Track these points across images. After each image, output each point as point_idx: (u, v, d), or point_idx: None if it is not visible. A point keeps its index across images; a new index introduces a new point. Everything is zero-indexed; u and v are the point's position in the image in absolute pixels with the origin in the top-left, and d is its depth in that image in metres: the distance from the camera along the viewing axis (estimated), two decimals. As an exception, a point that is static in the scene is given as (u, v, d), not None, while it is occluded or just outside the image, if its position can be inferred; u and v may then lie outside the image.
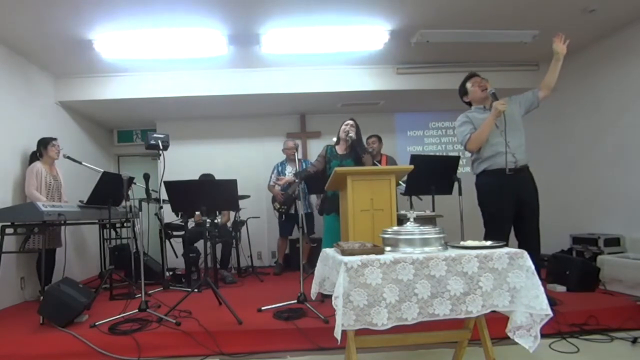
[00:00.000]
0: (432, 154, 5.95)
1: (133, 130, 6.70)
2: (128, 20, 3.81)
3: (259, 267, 5.71)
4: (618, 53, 4.36)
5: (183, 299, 3.21)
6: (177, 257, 5.01)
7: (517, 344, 1.90)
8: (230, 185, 3.55)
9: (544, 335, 2.22)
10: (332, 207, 3.52)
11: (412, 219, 2.11)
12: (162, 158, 3.44)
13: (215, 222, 4.19)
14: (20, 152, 4.23)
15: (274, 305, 3.21)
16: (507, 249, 1.96)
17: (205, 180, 4.33)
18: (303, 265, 3.49)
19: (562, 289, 3.66)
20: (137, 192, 4.28)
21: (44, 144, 4.11)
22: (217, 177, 4.72)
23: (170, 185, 3.48)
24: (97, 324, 2.90)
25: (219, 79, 5.06)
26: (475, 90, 3.22)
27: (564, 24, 4.07)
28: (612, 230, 4.36)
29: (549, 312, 1.85)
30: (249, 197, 5.15)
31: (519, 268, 1.90)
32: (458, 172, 3.82)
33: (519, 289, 1.88)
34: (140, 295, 3.17)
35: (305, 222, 3.52)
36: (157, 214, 4.13)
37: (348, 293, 1.79)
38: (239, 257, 5.27)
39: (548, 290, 2.69)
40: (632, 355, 2.54)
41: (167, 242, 4.81)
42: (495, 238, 2.38)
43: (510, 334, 1.89)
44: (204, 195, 3.46)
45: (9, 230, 3.57)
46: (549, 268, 3.97)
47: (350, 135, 3.62)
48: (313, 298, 2.38)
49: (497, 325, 2.16)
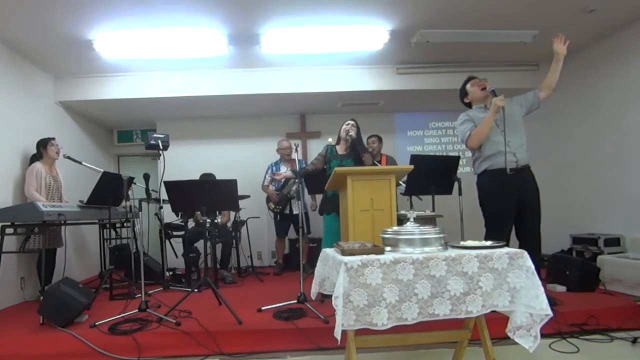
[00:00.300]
0: (432, 154, 5.95)
1: (133, 130, 6.70)
2: (128, 20, 3.81)
3: (259, 267, 5.71)
4: (618, 53, 4.36)
5: (183, 299, 3.21)
6: (177, 257, 5.01)
7: (517, 344, 1.90)
8: (230, 185, 3.55)
9: (544, 335, 2.22)
10: (332, 207, 3.52)
11: (412, 219, 2.11)
12: (162, 158, 3.44)
13: (216, 222, 4.19)
14: (21, 152, 4.23)
15: (274, 305, 3.21)
16: (507, 249, 1.96)
17: (205, 180, 4.32)
18: (303, 265, 3.49)
19: (562, 289, 3.66)
20: (137, 192, 4.28)
21: (43, 145, 4.10)
22: (217, 177, 4.73)
23: (170, 185, 3.48)
24: (97, 324, 2.90)
25: (219, 79, 5.06)
26: (475, 90, 3.23)
27: (564, 24, 4.08)
28: (612, 230, 4.36)
29: (549, 312, 1.86)
30: (249, 197, 5.15)
31: (519, 268, 1.90)
32: (458, 172, 3.81)
33: (519, 289, 1.88)
34: (140, 295, 3.17)
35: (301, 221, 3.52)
36: (157, 214, 4.13)
37: (348, 293, 1.79)
38: (239, 257, 5.27)
39: (548, 290, 2.69)
40: (632, 355, 2.53)
41: (167, 242, 4.81)
42: (496, 238, 2.38)
43: (510, 334, 1.89)
44: (204, 195, 3.47)
45: (9, 230, 3.58)
46: (549, 268, 3.97)
47: (351, 134, 3.62)
48: (313, 298, 2.38)
49: (497, 325, 2.15)
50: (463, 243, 2.05)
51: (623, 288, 3.57)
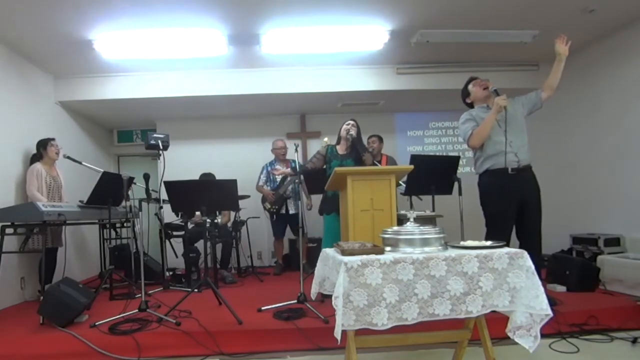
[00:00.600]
0: (432, 154, 5.95)
1: (133, 130, 6.70)
2: (128, 20, 3.81)
3: (259, 267, 5.71)
4: (618, 53, 4.36)
5: (183, 299, 3.21)
6: (177, 257, 5.01)
7: (517, 344, 1.90)
8: (230, 185, 3.55)
9: (544, 335, 2.22)
10: (332, 207, 3.52)
11: (412, 219, 2.11)
12: (162, 158, 3.43)
13: (216, 222, 4.19)
14: (21, 152, 4.23)
15: (274, 305, 3.21)
16: (507, 249, 1.96)
17: (205, 180, 4.33)
18: (303, 265, 3.49)
19: (562, 289, 3.66)
20: (137, 192, 4.28)
21: (43, 145, 4.11)
22: (217, 177, 4.73)
23: (170, 185, 3.48)
24: (97, 324, 2.90)
25: (219, 79, 5.06)
26: (477, 90, 3.24)
27: (564, 24, 4.08)
28: (612, 230, 4.36)
29: (549, 312, 1.85)
30: (249, 197, 5.15)
31: (519, 268, 1.89)
32: (458, 172, 3.82)
33: (519, 289, 1.88)
34: (140, 295, 3.17)
35: (297, 222, 3.52)
36: (157, 214, 4.13)
37: (348, 293, 1.79)
38: (239, 257, 5.27)
39: (548, 290, 2.69)
40: (632, 355, 2.54)
41: (167, 242, 4.81)
42: (497, 238, 2.38)
43: (510, 334, 1.89)
44: (204, 195, 3.46)
45: (9, 230, 3.58)
46: (549, 268, 3.97)
47: (351, 134, 3.62)
48: (313, 298, 2.38)
49: (497, 325, 2.15)
50: (463, 243, 2.05)
51: (623, 288, 3.57)
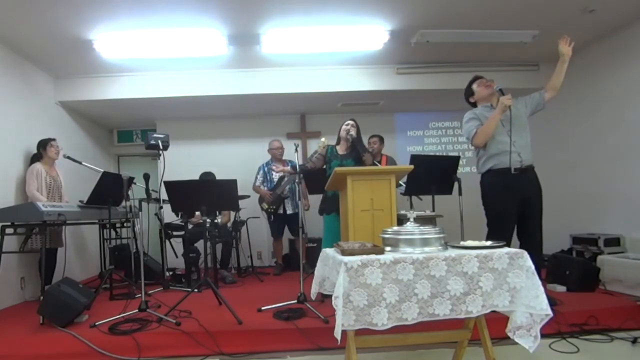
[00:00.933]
0: (432, 154, 5.95)
1: (133, 130, 6.70)
2: (128, 20, 3.81)
3: (259, 267, 5.71)
4: (618, 53, 4.36)
5: (183, 299, 3.21)
6: (177, 257, 5.01)
7: (517, 344, 1.90)
8: (230, 185, 3.55)
9: (544, 335, 2.22)
10: (332, 207, 3.52)
11: (412, 219, 2.11)
12: (162, 158, 3.43)
13: (216, 222, 4.18)
14: (21, 152, 4.23)
15: (274, 305, 3.21)
16: (507, 249, 1.96)
17: (205, 180, 4.33)
18: (303, 265, 3.49)
19: (562, 289, 3.66)
20: (137, 192, 4.28)
21: (43, 145, 4.11)
22: (217, 176, 4.73)
23: (170, 186, 3.48)
24: (97, 324, 2.90)
25: (219, 79, 5.06)
26: (482, 89, 3.24)
27: (564, 24, 4.08)
28: (612, 230, 4.36)
29: (549, 312, 1.85)
30: (249, 197, 5.15)
31: (519, 268, 1.89)
32: (458, 172, 3.82)
33: (519, 289, 1.88)
34: (140, 295, 3.17)
35: (295, 222, 3.52)
36: (157, 214, 4.13)
37: (348, 293, 1.79)
38: (239, 257, 5.27)
39: (548, 290, 2.69)
40: (632, 355, 2.53)
41: (167, 242, 4.81)
42: (499, 237, 2.38)
43: (510, 334, 1.89)
44: (204, 195, 3.47)
45: (9, 230, 3.58)
46: (549, 268, 3.97)
47: (351, 134, 3.62)
48: (313, 298, 2.38)
49: (497, 325, 2.15)
50: (463, 243, 2.05)
51: (623, 288, 3.57)
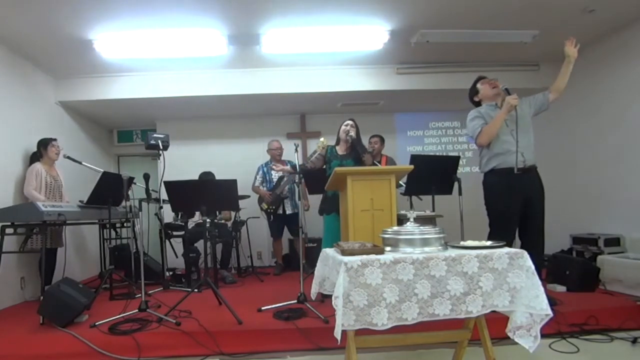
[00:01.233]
0: (432, 154, 5.95)
1: (133, 130, 6.70)
2: (128, 20, 3.81)
3: (259, 267, 5.71)
4: (618, 53, 4.36)
5: (183, 299, 3.21)
6: (177, 257, 5.01)
7: (517, 344, 1.90)
8: (230, 185, 3.55)
9: (544, 335, 2.22)
10: (332, 207, 3.52)
11: (412, 219, 2.11)
12: (162, 158, 3.43)
13: (216, 221, 4.17)
14: (21, 152, 4.23)
15: (274, 305, 3.21)
16: (507, 249, 1.96)
17: (205, 180, 4.33)
18: (303, 265, 3.49)
19: (562, 289, 3.66)
20: (137, 192, 4.28)
21: (44, 145, 4.11)
22: (217, 176, 4.73)
23: (170, 185, 3.48)
24: (97, 324, 2.90)
25: (219, 79, 5.06)
26: (486, 88, 3.24)
27: (564, 24, 4.08)
28: (612, 230, 4.36)
29: (549, 312, 1.86)
30: (249, 197, 5.15)
31: (519, 268, 1.89)
32: (458, 172, 3.81)
33: (519, 289, 1.88)
34: (140, 295, 3.17)
35: (295, 222, 3.51)
36: (157, 214, 4.13)
37: (348, 293, 1.79)
38: (239, 257, 5.27)
39: (548, 290, 2.69)
40: (632, 355, 2.54)
41: (167, 242, 4.81)
42: (501, 237, 2.38)
43: (510, 334, 1.90)
44: (204, 195, 3.47)
45: (9, 230, 3.58)
46: (549, 268, 3.97)
47: (351, 135, 3.62)
48: (313, 298, 2.38)
49: (497, 325, 2.15)
50: (463, 243, 2.05)
51: (623, 288, 3.57)
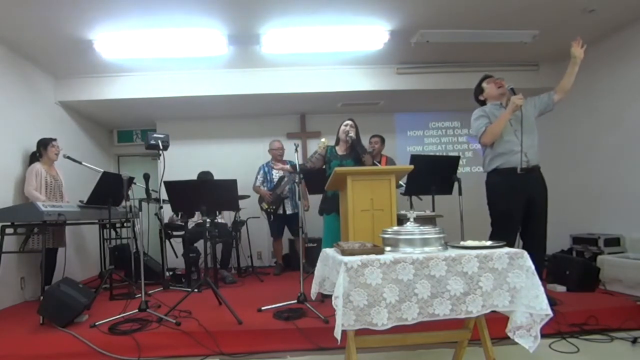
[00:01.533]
0: (432, 154, 5.95)
1: (133, 130, 6.70)
2: (128, 20, 3.81)
3: (259, 267, 5.71)
4: (618, 53, 4.36)
5: (183, 299, 3.21)
6: (177, 257, 5.01)
7: (517, 344, 1.90)
8: (230, 185, 3.55)
9: (544, 335, 2.22)
10: (332, 207, 3.52)
11: (412, 219, 2.11)
12: (162, 158, 3.43)
13: (216, 221, 4.17)
14: (21, 152, 4.23)
15: (274, 305, 3.21)
16: (507, 249, 1.96)
17: (205, 180, 4.32)
18: (303, 265, 3.49)
19: (562, 289, 3.66)
20: (137, 192, 4.28)
21: (44, 145, 4.11)
22: (216, 177, 4.72)
23: (170, 185, 3.48)
24: (97, 324, 2.90)
25: (219, 79, 5.06)
26: (492, 87, 3.24)
27: (564, 24, 4.09)
28: (612, 230, 4.36)
29: (549, 312, 1.86)
30: (249, 197, 5.15)
31: (519, 268, 1.89)
32: (458, 172, 3.82)
33: (519, 289, 1.88)
34: (140, 295, 3.17)
35: (295, 222, 3.51)
36: (157, 214, 4.13)
37: (348, 293, 1.79)
38: (239, 257, 5.27)
39: (548, 290, 2.69)
40: (632, 355, 2.54)
41: (167, 242, 4.81)
42: (503, 237, 2.38)
43: (510, 334, 1.89)
44: (204, 195, 3.47)
45: (9, 230, 3.58)
46: (549, 268, 3.97)
47: (350, 135, 3.62)
48: (313, 298, 2.38)
49: (497, 325, 2.15)
50: (463, 243, 2.05)
51: (623, 288, 3.57)
